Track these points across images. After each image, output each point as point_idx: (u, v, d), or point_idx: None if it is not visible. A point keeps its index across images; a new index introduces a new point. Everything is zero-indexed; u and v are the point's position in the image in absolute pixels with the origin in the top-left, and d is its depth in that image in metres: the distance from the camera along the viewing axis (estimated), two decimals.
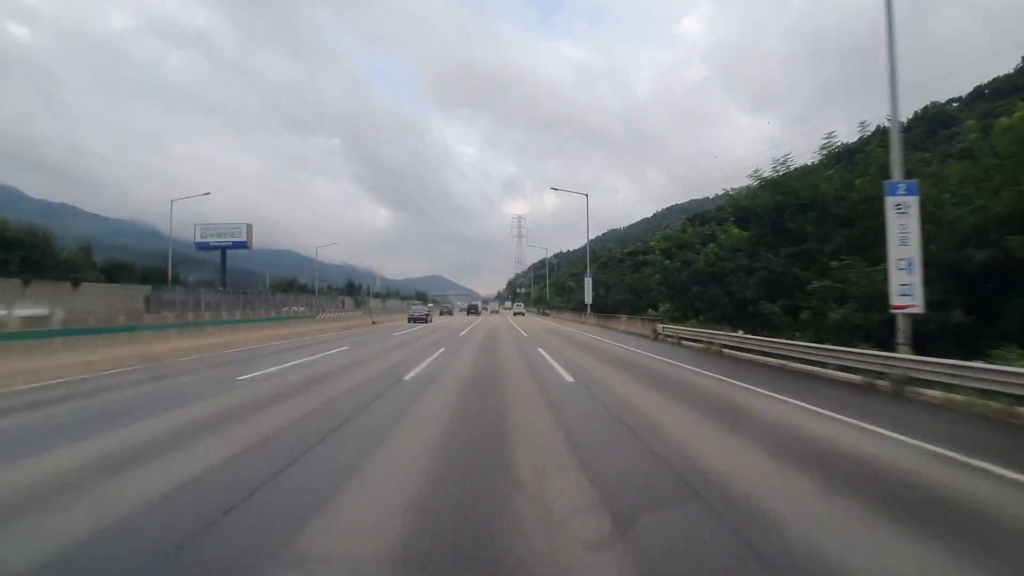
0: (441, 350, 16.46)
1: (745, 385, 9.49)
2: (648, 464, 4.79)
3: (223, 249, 49.13)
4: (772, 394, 8.46)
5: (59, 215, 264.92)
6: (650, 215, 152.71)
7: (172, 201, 41.04)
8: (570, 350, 16.90)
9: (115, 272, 41.41)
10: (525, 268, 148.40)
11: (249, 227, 49.35)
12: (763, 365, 12.70)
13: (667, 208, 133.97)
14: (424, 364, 12.72)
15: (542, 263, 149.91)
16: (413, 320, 36.69)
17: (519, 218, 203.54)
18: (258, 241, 51.47)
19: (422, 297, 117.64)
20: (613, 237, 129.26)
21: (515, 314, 59.34)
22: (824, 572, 2.73)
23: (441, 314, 61.39)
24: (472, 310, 68.18)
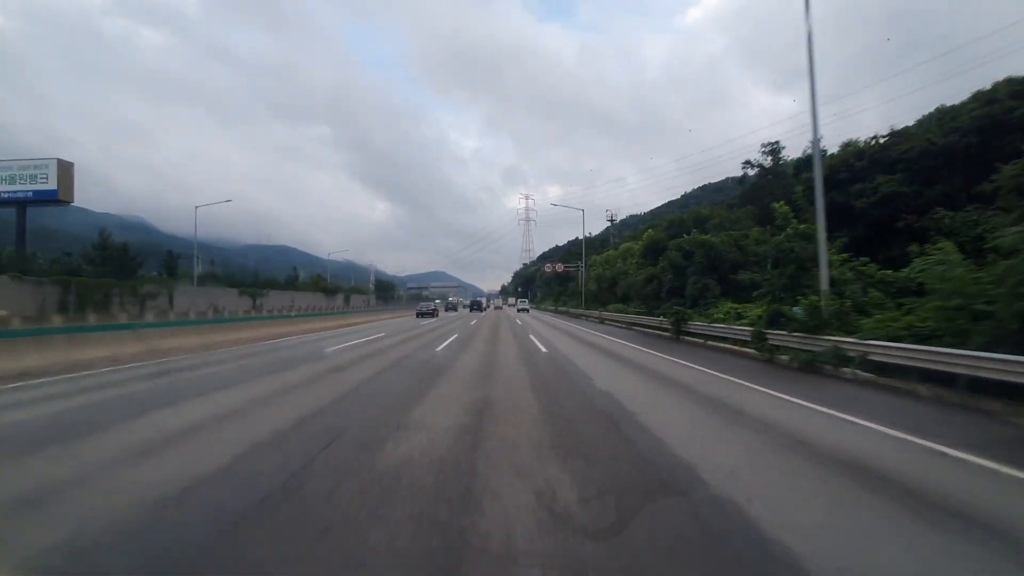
0: None
1: None
2: None
3: (20, 203, 29.76)
4: None
5: (44, 209, 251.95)
6: (678, 197, 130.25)
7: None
8: None
9: None
10: (535, 257, 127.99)
11: (64, 166, 29.89)
12: None
13: (700, 187, 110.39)
14: None
15: (554, 251, 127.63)
16: (421, 315, 36.47)
17: (527, 197, 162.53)
18: (254, 237, 34.81)
19: (386, 289, 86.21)
20: (632, 224, 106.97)
21: (519, 310, 55.02)
22: None
23: (447, 310, 61.94)
24: (476, 307, 63.56)
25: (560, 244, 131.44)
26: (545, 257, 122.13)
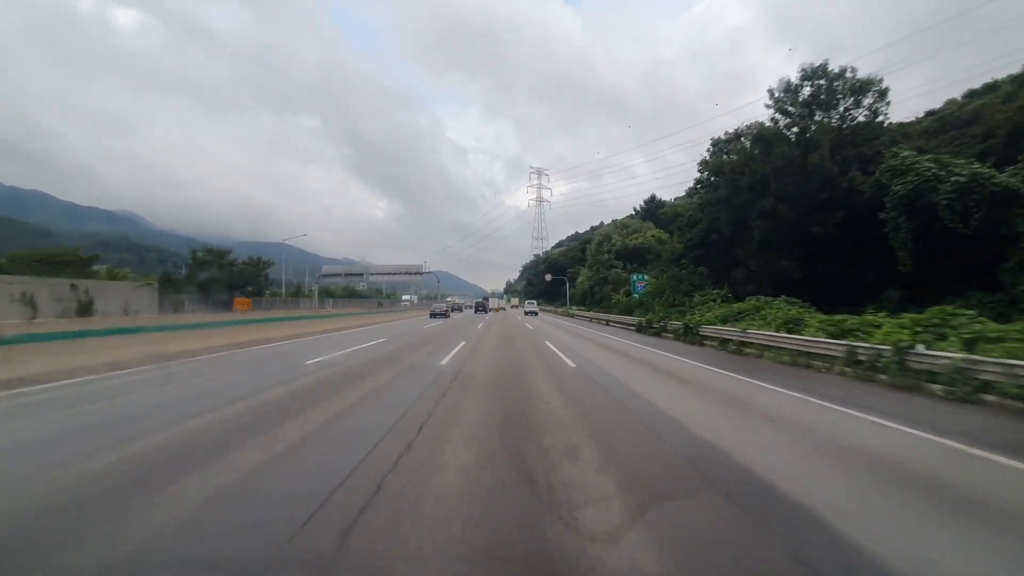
0: None
1: None
2: None
3: None
4: None
5: (30, 203, 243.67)
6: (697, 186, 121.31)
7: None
8: None
9: None
10: (550, 245, 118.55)
11: None
12: None
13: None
14: None
15: (572, 239, 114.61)
16: (434, 316, 38.68)
17: (539, 173, 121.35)
18: (250, 235, 22.88)
19: (330, 289, 57.86)
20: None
21: (527, 313, 50.25)
22: None
23: (452, 311, 60.48)
24: (480, 308, 62.56)
25: (580, 231, 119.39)
26: (562, 245, 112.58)
